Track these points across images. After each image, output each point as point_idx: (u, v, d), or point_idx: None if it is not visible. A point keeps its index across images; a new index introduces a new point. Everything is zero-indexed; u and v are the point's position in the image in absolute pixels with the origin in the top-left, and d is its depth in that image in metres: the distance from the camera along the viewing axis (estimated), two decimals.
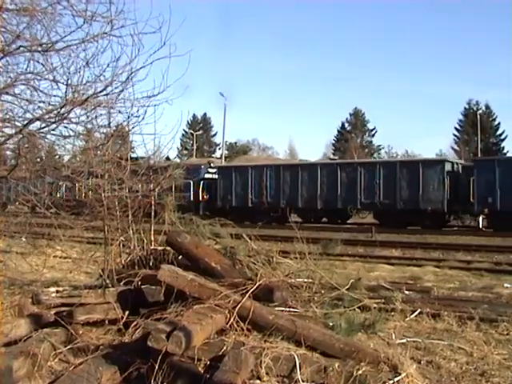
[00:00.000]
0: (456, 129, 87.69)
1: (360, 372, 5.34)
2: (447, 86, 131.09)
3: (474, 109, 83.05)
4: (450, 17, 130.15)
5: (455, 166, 34.21)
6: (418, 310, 8.94)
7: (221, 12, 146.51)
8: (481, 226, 31.57)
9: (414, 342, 7.38)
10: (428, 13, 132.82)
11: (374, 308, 8.37)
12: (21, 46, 7.07)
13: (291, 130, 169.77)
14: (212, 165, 42.25)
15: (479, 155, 64.94)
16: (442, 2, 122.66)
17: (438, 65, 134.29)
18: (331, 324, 6.96)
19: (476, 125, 74.83)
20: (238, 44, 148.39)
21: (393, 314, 8.81)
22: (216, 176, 39.91)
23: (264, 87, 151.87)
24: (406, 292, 10.67)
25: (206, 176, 40.25)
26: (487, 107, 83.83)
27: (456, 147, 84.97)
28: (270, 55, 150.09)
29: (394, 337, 7.52)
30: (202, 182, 38.93)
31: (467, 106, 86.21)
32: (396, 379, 5.39)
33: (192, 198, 36.85)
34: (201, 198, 38.65)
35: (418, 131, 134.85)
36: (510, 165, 30.97)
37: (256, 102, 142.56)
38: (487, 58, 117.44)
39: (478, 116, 76.03)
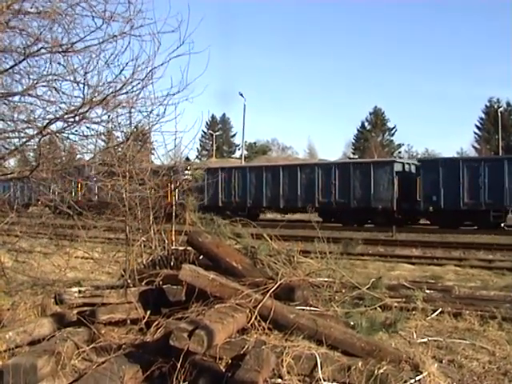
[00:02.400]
0: (477, 127, 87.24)
1: (381, 371, 5.33)
2: (468, 84, 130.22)
3: (495, 106, 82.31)
4: (470, 16, 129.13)
5: (406, 166, 36.48)
6: (440, 309, 8.90)
7: (237, 11, 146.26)
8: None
9: (435, 341, 7.36)
10: (448, 12, 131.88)
11: (395, 307, 8.33)
12: (41, 48, 7.14)
13: (311, 129, 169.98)
14: (188, 167, 42.68)
15: (500, 153, 64.40)
16: (462, 1, 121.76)
17: (458, 63, 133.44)
18: (352, 323, 6.94)
19: (497, 122, 74.10)
20: (256, 44, 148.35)
21: (414, 313, 8.77)
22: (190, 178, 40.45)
23: (284, 87, 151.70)
24: (427, 291, 10.60)
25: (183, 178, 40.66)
26: (508, 105, 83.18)
27: (477, 145, 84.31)
28: (290, 56, 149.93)
29: (415, 336, 7.50)
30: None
31: (488, 104, 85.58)
32: (417, 378, 5.37)
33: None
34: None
35: (438, 130, 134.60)
36: (453, 165, 33.07)
37: (276, 102, 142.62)
38: (508, 55, 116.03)
39: (499, 114, 75.28)
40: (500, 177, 31.07)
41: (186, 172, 9.68)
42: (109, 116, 7.86)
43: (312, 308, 6.94)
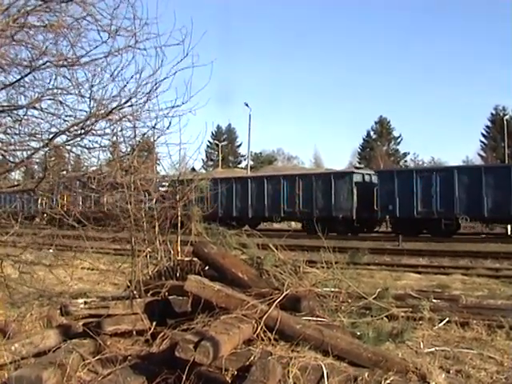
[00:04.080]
0: (483, 135, 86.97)
1: (388, 381, 5.29)
2: (474, 92, 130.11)
3: (501, 114, 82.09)
4: (474, 22, 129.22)
5: (366, 176, 38.06)
6: (447, 319, 8.84)
7: (240, 19, 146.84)
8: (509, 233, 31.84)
9: (442, 350, 7.31)
10: (453, 19, 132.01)
11: (402, 317, 8.30)
12: (47, 62, 7.17)
13: (316, 139, 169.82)
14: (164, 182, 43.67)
15: (506, 161, 64.26)
16: (466, 8, 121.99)
17: (463, 71, 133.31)
18: (359, 333, 6.92)
19: (503, 130, 73.93)
20: (261, 54, 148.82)
21: (421, 322, 8.72)
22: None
23: (289, 97, 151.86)
24: (434, 300, 10.51)
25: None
26: None
27: (483, 153, 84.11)
28: (295, 65, 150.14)
29: (422, 346, 7.46)
30: None
31: (494, 112, 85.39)
32: None
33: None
34: None
35: (444, 138, 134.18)
36: (407, 176, 34.95)
37: (281, 112, 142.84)
38: None
39: (505, 122, 75.09)
40: (450, 186, 32.47)
41: (164, 184, 9.63)
42: (113, 129, 7.88)
43: (318, 318, 6.91)
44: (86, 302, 7.16)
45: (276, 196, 38.49)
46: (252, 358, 5.62)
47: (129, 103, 7.50)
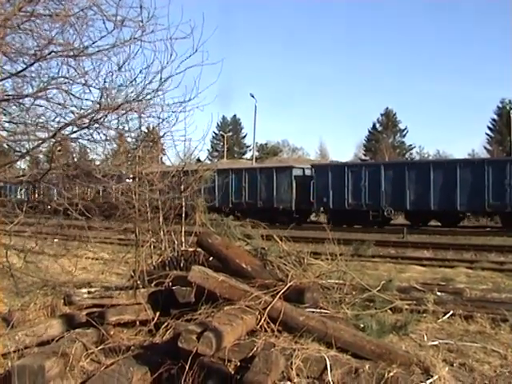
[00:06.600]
0: (489, 128, 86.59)
1: (391, 374, 5.29)
2: (480, 85, 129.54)
3: (507, 108, 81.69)
4: (483, 16, 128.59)
5: (306, 170, 40.26)
6: (451, 312, 8.81)
7: (246, 10, 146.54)
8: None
9: (446, 344, 7.29)
10: (459, 13, 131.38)
11: (406, 309, 8.29)
12: (53, 51, 7.14)
13: (322, 130, 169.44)
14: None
15: None
16: (472, 2, 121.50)
17: (471, 64, 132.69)
18: (362, 325, 6.92)
19: (509, 124, 73.59)
20: (267, 45, 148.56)
21: (425, 315, 8.69)
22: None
23: (294, 88, 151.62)
24: (438, 293, 10.51)
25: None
26: None
27: (489, 147, 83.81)
28: (301, 56, 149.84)
29: (425, 339, 7.44)
30: None
31: (500, 105, 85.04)
32: (428, 382, 5.34)
33: None
34: None
35: (450, 131, 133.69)
36: (339, 170, 37.35)
37: (287, 103, 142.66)
38: None
39: (511, 115, 74.76)
40: (377, 181, 35.11)
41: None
42: (119, 121, 7.84)
43: (322, 310, 6.93)
44: (89, 292, 7.19)
45: (225, 188, 39.56)
46: (255, 349, 5.63)
47: (137, 97, 7.46)
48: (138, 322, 6.85)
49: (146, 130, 9.36)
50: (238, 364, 5.60)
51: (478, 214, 34.74)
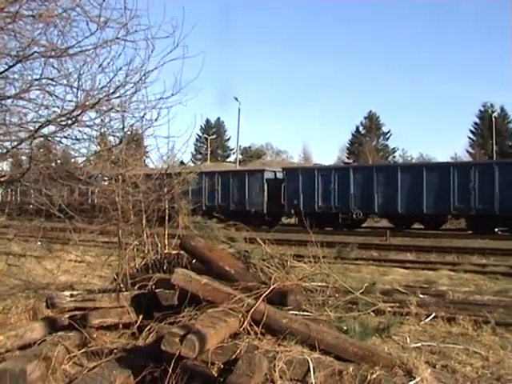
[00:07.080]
0: (471, 131, 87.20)
1: (374, 376, 5.32)
2: (463, 88, 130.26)
3: (489, 111, 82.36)
4: (465, 17, 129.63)
5: (278, 174, 41.01)
6: (433, 314, 8.87)
7: (232, 13, 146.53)
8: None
9: (428, 346, 7.33)
10: (442, 13, 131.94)
11: (389, 312, 8.33)
12: (35, 52, 7.10)
13: (306, 133, 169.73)
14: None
15: (494, 158, 64.67)
16: (455, 2, 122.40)
17: (453, 67, 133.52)
18: (345, 328, 6.94)
19: (491, 127, 74.22)
20: (251, 48, 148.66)
21: (407, 317, 8.74)
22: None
23: (278, 92, 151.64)
24: (421, 296, 10.60)
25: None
26: (502, 110, 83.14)
27: (471, 150, 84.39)
28: (284, 60, 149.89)
29: (408, 341, 7.48)
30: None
31: (482, 109, 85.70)
32: (411, 383, 5.36)
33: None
34: None
35: (433, 134, 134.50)
36: (310, 173, 38.04)
37: (270, 107, 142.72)
38: (503, 59, 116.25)
39: (493, 119, 75.40)
40: (346, 184, 35.82)
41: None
42: (102, 120, 7.81)
43: (305, 313, 6.93)
44: (72, 295, 7.12)
45: (198, 191, 39.43)
46: (238, 351, 5.62)
47: (117, 93, 7.42)
48: (120, 325, 6.81)
49: (129, 130, 9.32)
50: (222, 367, 5.59)
51: (444, 216, 34.97)
